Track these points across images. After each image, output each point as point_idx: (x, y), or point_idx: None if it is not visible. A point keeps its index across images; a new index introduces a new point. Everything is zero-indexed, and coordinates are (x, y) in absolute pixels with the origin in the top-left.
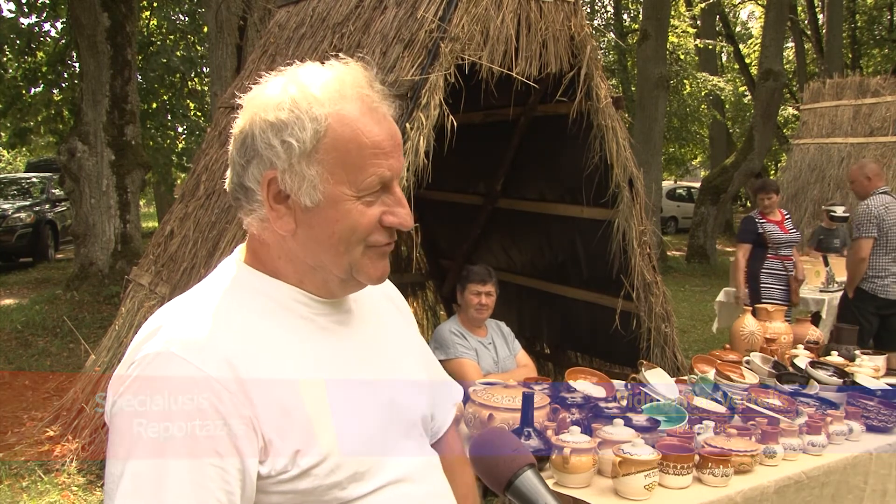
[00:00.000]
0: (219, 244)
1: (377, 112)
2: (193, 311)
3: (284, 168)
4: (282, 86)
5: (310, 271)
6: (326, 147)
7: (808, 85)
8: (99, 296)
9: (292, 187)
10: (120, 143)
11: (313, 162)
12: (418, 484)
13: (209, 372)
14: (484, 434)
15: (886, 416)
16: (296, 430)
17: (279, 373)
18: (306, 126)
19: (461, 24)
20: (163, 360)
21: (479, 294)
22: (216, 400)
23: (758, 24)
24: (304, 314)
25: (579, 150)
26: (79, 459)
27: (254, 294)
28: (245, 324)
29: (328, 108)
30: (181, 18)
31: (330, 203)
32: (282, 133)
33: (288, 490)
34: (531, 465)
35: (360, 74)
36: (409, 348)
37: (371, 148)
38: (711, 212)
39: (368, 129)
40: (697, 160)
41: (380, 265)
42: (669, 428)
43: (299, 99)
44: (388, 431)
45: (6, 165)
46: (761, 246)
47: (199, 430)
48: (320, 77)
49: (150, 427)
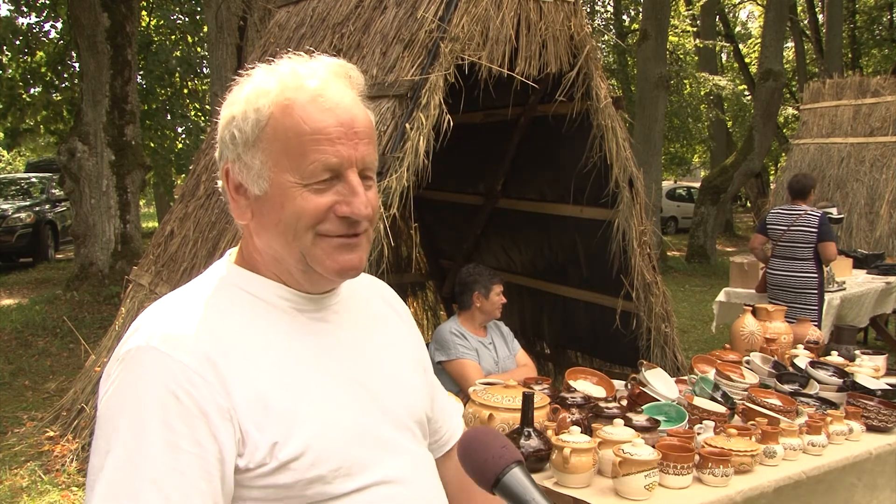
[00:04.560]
0: (219, 244)
1: (326, 100)
2: (175, 308)
3: (234, 159)
4: (244, 84)
5: (274, 263)
6: (268, 136)
7: (808, 85)
8: (99, 296)
9: (242, 176)
10: (120, 143)
11: (258, 151)
12: (407, 485)
13: (188, 363)
14: (471, 432)
15: (886, 416)
16: (273, 423)
17: (258, 366)
18: (249, 117)
19: (461, 24)
20: (143, 354)
21: (500, 294)
22: (194, 390)
23: (757, 24)
24: (286, 309)
25: (579, 151)
26: (79, 459)
27: (237, 291)
28: (225, 318)
29: (272, 98)
30: (181, 18)
31: (276, 191)
32: (230, 126)
33: (268, 484)
34: (519, 462)
35: (323, 65)
36: (403, 351)
37: (311, 134)
38: (711, 212)
39: (310, 116)
40: (696, 158)
41: (339, 258)
42: (669, 428)
43: (250, 93)
44: (374, 429)
45: (6, 165)
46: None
47: (177, 419)
48: (276, 71)
49: (129, 418)
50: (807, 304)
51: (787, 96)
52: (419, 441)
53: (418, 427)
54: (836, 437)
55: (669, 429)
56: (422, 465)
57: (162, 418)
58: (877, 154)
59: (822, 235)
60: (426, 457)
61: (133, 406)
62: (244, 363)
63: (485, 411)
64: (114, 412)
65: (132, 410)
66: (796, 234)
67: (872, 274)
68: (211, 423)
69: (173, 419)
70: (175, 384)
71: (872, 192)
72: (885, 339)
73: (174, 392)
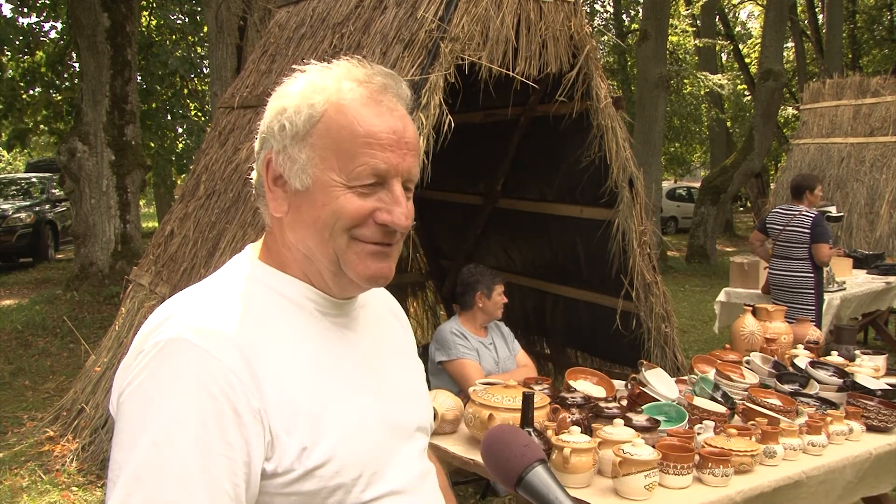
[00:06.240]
0: (219, 244)
1: (381, 105)
2: (206, 301)
3: (279, 150)
4: (298, 79)
5: (305, 261)
6: (320, 132)
7: (808, 85)
8: (99, 296)
9: (284, 169)
10: (120, 143)
11: (305, 146)
12: (413, 496)
13: (224, 360)
14: (494, 431)
15: (886, 416)
16: (302, 428)
17: (289, 368)
18: (302, 110)
19: (461, 24)
20: (175, 346)
21: (502, 294)
22: (228, 388)
23: (758, 24)
24: (312, 312)
25: (579, 151)
26: (79, 459)
27: (264, 289)
28: (256, 316)
29: (328, 95)
30: (181, 18)
31: (319, 188)
32: (280, 117)
33: (292, 492)
34: (542, 460)
35: (378, 72)
36: (410, 361)
37: (364, 137)
38: (711, 212)
39: (364, 119)
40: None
41: (371, 265)
42: (669, 428)
43: (305, 87)
44: (390, 439)
45: (6, 165)
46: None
47: (211, 419)
48: (333, 71)
49: (161, 414)
50: (804, 304)
51: (787, 96)
52: (423, 451)
53: (423, 437)
54: (836, 437)
55: (669, 429)
56: (427, 476)
57: (197, 416)
58: (877, 154)
59: (815, 237)
60: (430, 467)
61: (165, 401)
62: (276, 364)
63: (485, 411)
64: (142, 407)
65: (164, 406)
66: (791, 234)
67: (872, 274)
68: (242, 424)
69: (208, 417)
70: (211, 381)
71: (872, 192)
72: (885, 339)
73: (209, 389)
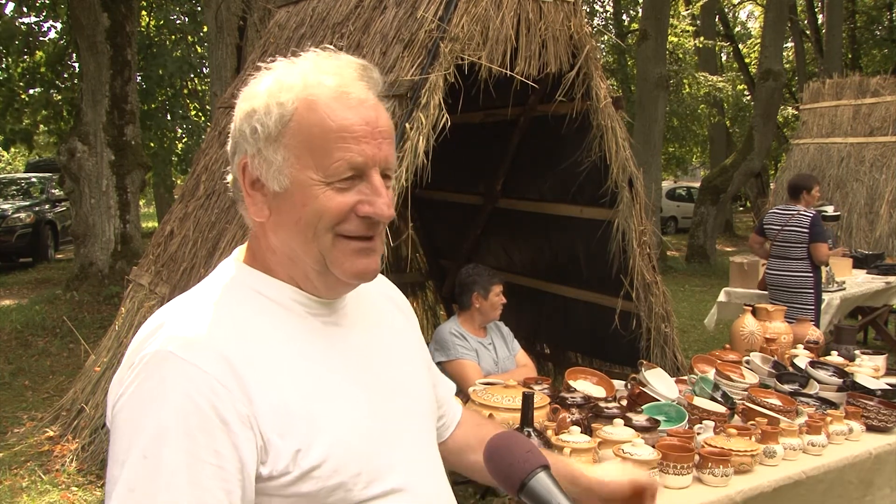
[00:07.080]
0: (219, 244)
1: (351, 96)
2: (191, 311)
3: (253, 153)
4: (264, 78)
5: (290, 263)
6: (292, 131)
7: (807, 85)
8: (99, 296)
9: (261, 172)
10: (120, 143)
11: (280, 146)
12: (421, 490)
13: (207, 370)
14: (497, 437)
15: (886, 416)
16: (295, 430)
17: (279, 372)
18: (272, 111)
19: (461, 24)
20: (160, 360)
21: (500, 294)
22: (213, 397)
23: (757, 24)
24: (300, 313)
25: (579, 151)
26: (78, 459)
27: (250, 293)
28: (242, 322)
29: (297, 93)
30: (181, 18)
31: (297, 188)
32: (251, 119)
33: (292, 493)
34: (545, 466)
35: (346, 63)
36: (411, 350)
37: (337, 132)
38: (711, 212)
39: (336, 113)
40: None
41: (357, 262)
42: (669, 428)
43: (272, 87)
44: (389, 433)
45: (6, 165)
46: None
47: (197, 429)
48: (299, 66)
49: (148, 427)
50: (803, 303)
51: (787, 96)
52: (429, 442)
53: (428, 426)
54: (836, 437)
55: (669, 429)
56: (434, 467)
57: (182, 428)
58: (876, 154)
59: (814, 237)
60: (437, 458)
61: (152, 415)
62: (265, 369)
63: (484, 411)
64: (131, 421)
65: (151, 419)
66: (789, 234)
67: (872, 274)
68: (231, 432)
69: (194, 429)
70: (196, 391)
71: (872, 192)
72: (885, 339)
73: (195, 400)
